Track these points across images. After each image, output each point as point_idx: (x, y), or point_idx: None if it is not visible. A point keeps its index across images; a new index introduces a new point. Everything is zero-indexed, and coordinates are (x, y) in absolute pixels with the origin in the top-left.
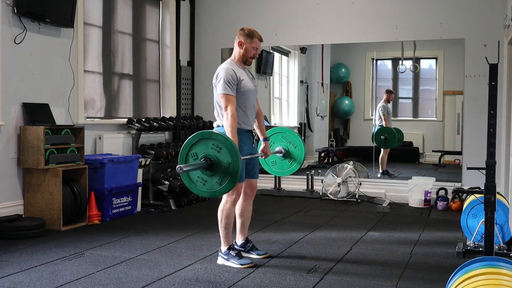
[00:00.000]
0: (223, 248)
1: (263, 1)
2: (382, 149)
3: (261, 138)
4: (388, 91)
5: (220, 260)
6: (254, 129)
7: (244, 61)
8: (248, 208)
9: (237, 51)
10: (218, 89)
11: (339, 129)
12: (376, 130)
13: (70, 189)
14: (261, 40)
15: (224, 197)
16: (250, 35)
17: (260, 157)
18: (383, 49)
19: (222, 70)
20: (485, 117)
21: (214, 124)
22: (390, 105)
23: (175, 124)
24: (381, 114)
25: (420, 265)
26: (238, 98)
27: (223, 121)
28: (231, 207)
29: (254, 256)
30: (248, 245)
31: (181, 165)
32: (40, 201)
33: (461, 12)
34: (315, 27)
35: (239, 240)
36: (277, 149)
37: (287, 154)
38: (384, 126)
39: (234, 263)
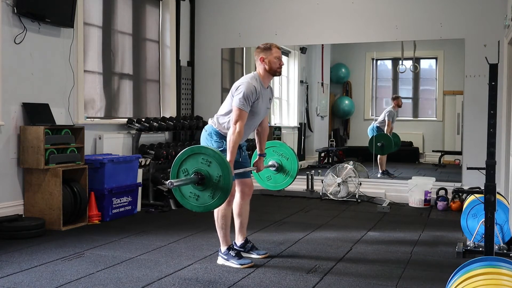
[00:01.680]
0: (223, 248)
1: (263, 1)
2: None
3: (258, 152)
4: (396, 97)
5: (220, 260)
6: (244, 144)
7: (273, 73)
8: (245, 207)
9: (261, 68)
10: (235, 101)
11: (339, 129)
12: (373, 136)
13: (70, 189)
14: (279, 48)
15: None
16: (268, 47)
17: (253, 170)
18: (383, 49)
19: (245, 84)
20: (485, 117)
21: (208, 125)
22: (396, 111)
23: (175, 124)
24: (386, 119)
25: (420, 265)
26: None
27: (229, 133)
28: (226, 207)
29: (254, 256)
30: (247, 245)
31: (171, 180)
32: (40, 201)
33: (461, 12)
34: (315, 27)
35: (238, 240)
36: (270, 163)
37: (280, 168)
38: (385, 131)
39: (234, 263)
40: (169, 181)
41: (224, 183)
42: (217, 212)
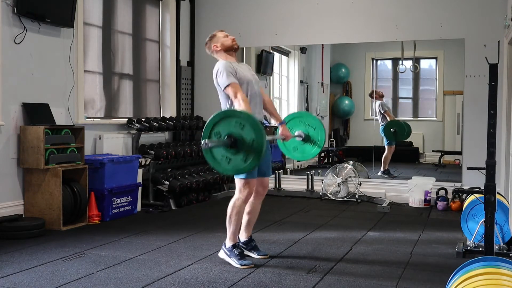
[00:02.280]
0: (228, 243)
1: (263, 1)
2: (386, 148)
3: (276, 123)
4: (371, 93)
5: (222, 254)
6: (265, 121)
7: (231, 48)
8: (257, 207)
9: (220, 54)
10: (222, 82)
11: (339, 129)
12: (385, 124)
13: (70, 189)
14: (221, 30)
15: (236, 193)
16: (212, 36)
17: (280, 140)
18: (383, 49)
19: (219, 65)
20: (485, 117)
21: None
22: (385, 100)
23: (175, 124)
24: (382, 111)
25: (420, 265)
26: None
27: (236, 107)
28: (242, 204)
29: (254, 256)
30: (251, 244)
31: (206, 141)
32: (40, 201)
33: (461, 12)
34: (315, 27)
35: (242, 237)
36: (296, 133)
37: (307, 138)
38: (390, 119)
39: (234, 262)
40: (203, 141)
41: (258, 146)
42: (232, 208)
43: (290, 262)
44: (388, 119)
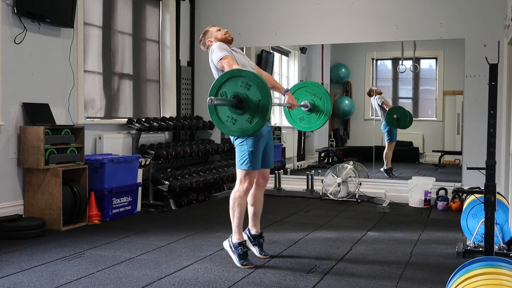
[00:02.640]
0: (234, 238)
1: (263, 1)
2: (386, 145)
3: (281, 92)
4: (369, 91)
5: (227, 245)
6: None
7: (225, 41)
8: (259, 198)
9: (215, 46)
10: (216, 56)
11: (339, 129)
12: (387, 111)
13: (70, 189)
14: (214, 26)
15: (236, 185)
16: (205, 32)
17: (287, 108)
18: (383, 49)
19: (214, 45)
20: (485, 117)
21: None
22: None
23: (175, 124)
24: (380, 103)
25: (420, 265)
26: None
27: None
28: (243, 196)
29: (255, 252)
30: (259, 240)
31: (212, 97)
32: (40, 201)
33: (461, 12)
34: (315, 27)
35: (253, 230)
36: (302, 103)
37: (313, 108)
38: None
39: (236, 260)
40: (209, 98)
41: (263, 107)
42: (234, 201)
43: (290, 262)
44: (387, 109)
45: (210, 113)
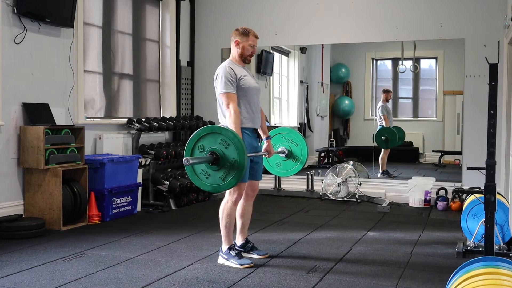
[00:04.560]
0: (224, 247)
1: (263, 1)
2: (382, 149)
3: (263, 137)
4: (385, 91)
5: (221, 260)
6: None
7: (243, 59)
8: (248, 209)
9: (235, 51)
10: (218, 88)
11: (339, 129)
12: (376, 131)
13: (70, 189)
14: (256, 37)
15: (226, 196)
16: (245, 33)
17: (263, 156)
18: (383, 49)
19: (220, 69)
20: (485, 117)
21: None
22: (389, 104)
23: (175, 124)
24: (380, 114)
25: (420, 265)
26: (241, 96)
27: (226, 119)
28: (232, 206)
29: (254, 256)
30: (248, 246)
31: (188, 158)
32: (40, 201)
33: (461, 12)
34: (315, 27)
35: (239, 240)
36: (279, 149)
37: (289, 154)
38: (385, 126)
39: (234, 263)
40: (184, 158)
41: (238, 168)
42: (223, 211)
43: (290, 262)
44: (384, 124)
45: (186, 167)
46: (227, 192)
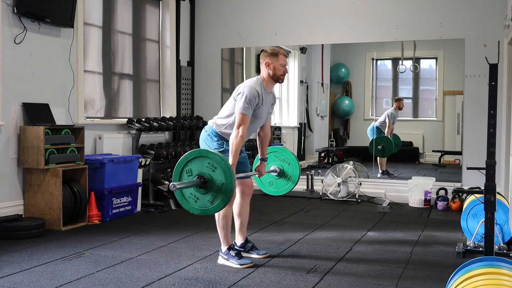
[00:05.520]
0: (223, 248)
1: (263, 1)
2: None
3: (260, 156)
4: (397, 99)
5: (221, 260)
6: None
7: (276, 80)
8: (246, 207)
9: (265, 73)
10: (238, 105)
11: (339, 129)
12: (373, 139)
13: (70, 189)
14: (286, 56)
15: None
16: (275, 53)
17: (254, 175)
18: (383, 49)
19: (248, 89)
20: (485, 117)
21: (208, 125)
22: (397, 113)
23: (175, 124)
24: (387, 121)
25: (420, 265)
26: None
27: (231, 137)
28: (227, 207)
29: (254, 256)
30: (247, 245)
31: (174, 183)
32: (40, 201)
33: (461, 12)
34: (315, 27)
35: (238, 240)
36: (271, 168)
37: (281, 173)
38: (385, 134)
39: (233, 263)
40: (171, 183)
41: (226, 191)
42: (218, 213)
43: (290, 262)
44: (386, 131)
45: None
46: None
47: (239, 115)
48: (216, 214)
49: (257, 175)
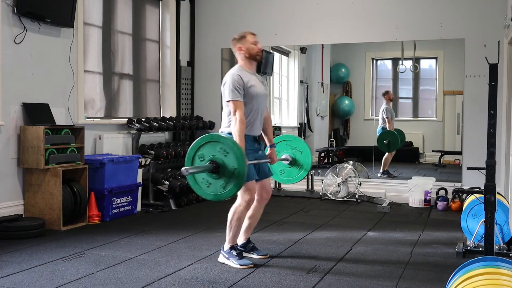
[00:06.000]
0: (226, 246)
1: (263, 1)
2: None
3: (268, 144)
4: (385, 92)
5: (221, 258)
6: (259, 135)
7: (254, 58)
8: (259, 211)
9: (241, 56)
10: (226, 95)
11: (339, 129)
12: (378, 135)
13: (70, 189)
14: (253, 34)
15: (239, 199)
16: (242, 36)
17: (267, 162)
18: (383, 49)
19: (228, 77)
20: (485, 117)
21: (220, 131)
22: (391, 105)
23: (175, 124)
24: (384, 117)
25: (420, 265)
26: (247, 104)
27: (231, 126)
28: (244, 210)
29: (254, 256)
30: (249, 246)
31: (187, 167)
32: (40, 201)
33: (461, 12)
34: (315, 27)
35: (240, 240)
36: (283, 156)
37: (293, 162)
38: (388, 129)
39: (234, 263)
40: (184, 168)
41: (238, 176)
42: (233, 214)
43: (290, 262)
44: (387, 126)
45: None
46: (239, 195)
47: (230, 103)
48: (231, 213)
49: (269, 163)
